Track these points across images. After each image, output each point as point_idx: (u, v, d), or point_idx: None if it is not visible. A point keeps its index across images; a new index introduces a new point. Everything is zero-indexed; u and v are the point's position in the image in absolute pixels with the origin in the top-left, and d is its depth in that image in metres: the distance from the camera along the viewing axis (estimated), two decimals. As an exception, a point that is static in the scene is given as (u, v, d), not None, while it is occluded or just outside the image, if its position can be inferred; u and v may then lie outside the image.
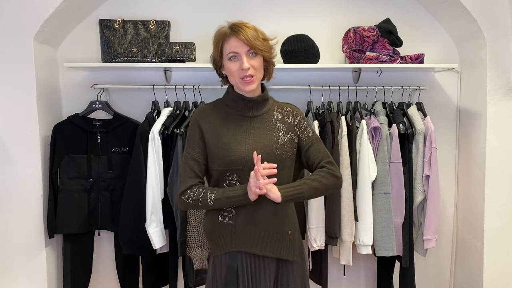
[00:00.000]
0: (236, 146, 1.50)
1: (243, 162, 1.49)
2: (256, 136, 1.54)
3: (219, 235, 1.54)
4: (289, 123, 1.60)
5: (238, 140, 1.52)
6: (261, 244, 1.51)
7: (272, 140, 1.55)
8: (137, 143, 2.12)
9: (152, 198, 2.07)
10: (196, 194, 1.49)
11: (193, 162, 1.53)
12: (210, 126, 1.54)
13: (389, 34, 2.19)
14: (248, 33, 1.47)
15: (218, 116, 1.57)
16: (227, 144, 1.51)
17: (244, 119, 1.57)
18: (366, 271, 2.53)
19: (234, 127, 1.55)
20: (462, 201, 2.46)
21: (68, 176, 2.20)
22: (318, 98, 2.33)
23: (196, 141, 1.54)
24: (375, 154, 2.14)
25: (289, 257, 1.56)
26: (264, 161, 1.44)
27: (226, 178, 1.52)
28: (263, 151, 1.49)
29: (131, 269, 2.33)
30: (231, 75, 1.53)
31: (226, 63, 1.52)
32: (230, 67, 1.51)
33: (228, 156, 1.49)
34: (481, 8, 2.15)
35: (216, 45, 1.55)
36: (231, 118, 1.56)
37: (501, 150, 2.21)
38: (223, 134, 1.53)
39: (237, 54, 1.49)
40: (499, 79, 2.19)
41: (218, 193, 1.48)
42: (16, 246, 2.18)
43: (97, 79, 2.38)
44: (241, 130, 1.54)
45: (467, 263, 2.40)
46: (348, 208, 2.09)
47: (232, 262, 1.52)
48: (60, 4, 2.08)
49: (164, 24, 2.28)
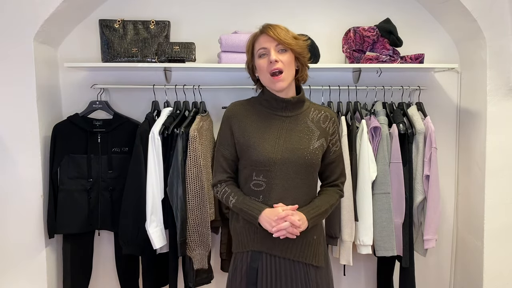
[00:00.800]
0: (264, 146, 1.47)
1: (271, 163, 1.46)
2: (287, 137, 1.50)
3: (243, 233, 1.54)
4: (324, 129, 1.55)
5: (268, 140, 1.49)
6: (283, 247, 1.49)
7: (303, 143, 1.50)
8: (137, 143, 2.12)
9: (152, 198, 2.07)
10: (222, 192, 1.55)
11: (222, 159, 1.56)
12: (241, 124, 1.52)
13: (389, 34, 2.19)
14: (277, 29, 1.45)
15: (250, 113, 1.53)
16: (256, 144, 1.48)
17: (276, 118, 1.52)
18: (366, 271, 2.54)
19: (265, 126, 1.51)
20: (462, 201, 2.46)
21: (68, 176, 2.20)
22: (318, 98, 2.33)
23: (226, 138, 1.55)
24: (375, 154, 2.14)
25: (314, 262, 1.52)
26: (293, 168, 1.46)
27: (252, 177, 1.49)
28: (293, 154, 1.47)
29: (131, 269, 2.33)
30: (262, 73, 1.49)
31: (257, 61, 1.49)
32: (260, 64, 1.48)
33: (256, 155, 1.47)
34: (481, 8, 2.15)
35: (248, 48, 1.52)
36: (262, 117, 1.52)
37: (501, 150, 2.21)
38: (253, 133, 1.50)
39: (266, 50, 1.46)
40: (499, 79, 2.19)
41: (238, 200, 1.50)
42: (16, 246, 2.18)
43: (97, 79, 2.38)
44: (272, 130, 1.50)
45: (467, 263, 2.40)
46: (348, 208, 2.09)
47: (253, 262, 1.51)
48: (60, 4, 2.08)
49: (164, 24, 2.28)
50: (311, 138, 1.51)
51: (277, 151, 1.47)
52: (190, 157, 2.05)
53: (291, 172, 1.48)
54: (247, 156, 1.49)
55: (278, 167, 1.46)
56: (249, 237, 1.52)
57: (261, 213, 1.44)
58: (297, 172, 1.48)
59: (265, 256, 1.50)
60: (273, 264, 1.50)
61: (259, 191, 1.49)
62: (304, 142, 1.50)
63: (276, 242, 1.48)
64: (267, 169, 1.47)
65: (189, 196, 2.07)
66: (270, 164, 1.46)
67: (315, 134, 1.52)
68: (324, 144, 1.54)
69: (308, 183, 1.51)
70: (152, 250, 2.14)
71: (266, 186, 1.48)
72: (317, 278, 1.53)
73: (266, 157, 1.46)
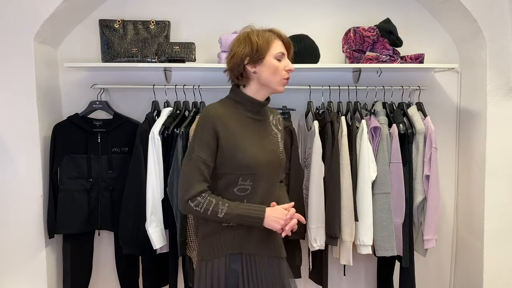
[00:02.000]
0: (252, 149, 1.47)
1: (257, 166, 1.46)
2: (265, 140, 1.53)
3: (220, 237, 1.49)
4: (281, 131, 1.64)
5: (252, 143, 1.49)
6: (260, 245, 1.52)
7: (276, 145, 1.57)
8: (137, 143, 2.12)
9: (152, 198, 2.07)
10: (206, 203, 1.42)
11: (204, 166, 1.43)
12: (225, 127, 1.46)
13: (389, 34, 2.19)
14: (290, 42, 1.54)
15: (232, 118, 1.49)
16: (244, 147, 1.46)
17: (252, 121, 1.53)
18: (366, 271, 2.54)
19: (246, 129, 1.50)
20: (462, 201, 2.46)
21: (68, 176, 2.20)
22: (318, 98, 2.33)
23: (209, 145, 1.44)
24: (375, 154, 2.14)
25: (282, 254, 1.59)
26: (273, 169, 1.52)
27: (238, 183, 1.46)
28: (273, 156, 1.52)
29: (131, 269, 2.33)
30: (274, 74, 1.48)
31: (272, 61, 1.47)
32: (277, 65, 1.47)
33: (244, 159, 1.44)
34: (481, 8, 2.15)
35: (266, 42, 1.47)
36: (241, 120, 1.51)
37: (501, 150, 2.21)
38: (239, 137, 1.47)
39: (283, 56, 1.50)
40: (499, 79, 2.19)
41: (230, 207, 1.43)
42: (16, 246, 2.18)
43: (97, 79, 2.38)
44: (253, 133, 1.51)
45: (467, 263, 2.40)
46: (348, 208, 2.09)
47: (233, 264, 1.48)
48: (60, 4, 2.08)
49: (164, 24, 2.28)
50: (278, 140, 1.58)
51: (261, 154, 1.48)
52: (190, 157, 2.05)
53: (272, 173, 1.52)
54: (232, 160, 1.44)
55: (263, 169, 1.47)
56: (226, 241, 1.49)
57: (265, 213, 1.43)
58: (276, 173, 1.55)
59: (244, 257, 1.50)
60: (252, 263, 1.50)
61: (243, 196, 1.47)
62: (276, 144, 1.57)
63: (253, 241, 1.50)
64: (254, 172, 1.46)
65: (189, 196, 2.06)
66: (257, 167, 1.46)
67: (279, 136, 1.60)
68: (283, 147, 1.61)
69: (278, 182, 1.61)
70: (152, 250, 2.14)
71: (251, 189, 1.47)
72: (286, 268, 1.61)
73: (254, 160, 1.46)
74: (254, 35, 1.48)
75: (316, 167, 2.11)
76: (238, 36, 1.52)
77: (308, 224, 2.13)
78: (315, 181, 2.11)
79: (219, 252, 1.49)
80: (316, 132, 2.12)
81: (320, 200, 2.11)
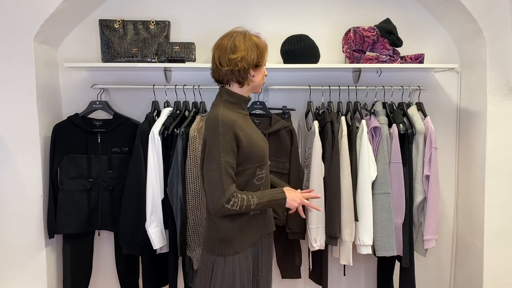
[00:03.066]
0: (261, 143, 1.66)
1: (266, 156, 1.68)
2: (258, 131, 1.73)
3: (247, 229, 1.63)
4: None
5: (259, 137, 1.68)
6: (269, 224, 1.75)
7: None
8: (137, 143, 2.12)
9: (152, 198, 2.07)
10: (240, 200, 1.52)
11: (231, 169, 1.53)
12: (242, 128, 1.58)
13: (389, 34, 2.19)
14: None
15: (240, 119, 1.61)
16: (257, 142, 1.63)
17: (246, 118, 1.70)
18: (366, 271, 2.54)
19: (251, 126, 1.69)
20: (462, 201, 2.46)
21: (68, 176, 2.20)
22: (318, 98, 2.33)
23: (232, 149, 1.53)
24: (375, 154, 2.14)
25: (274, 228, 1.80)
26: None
27: (256, 173, 1.63)
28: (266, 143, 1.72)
29: (131, 269, 2.33)
30: (263, 78, 1.69)
31: (263, 68, 1.68)
32: (263, 71, 1.69)
33: (262, 152, 1.64)
34: (481, 8, 2.15)
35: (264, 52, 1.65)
36: (243, 119, 1.66)
37: (501, 150, 2.21)
38: (252, 135, 1.64)
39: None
40: (499, 79, 2.19)
41: (258, 197, 1.57)
42: (16, 246, 2.18)
43: (97, 79, 2.38)
44: (253, 128, 1.70)
45: (467, 263, 2.40)
46: (348, 208, 2.09)
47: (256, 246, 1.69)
48: (60, 4, 2.08)
49: (164, 24, 2.28)
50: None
51: (265, 144, 1.69)
52: (190, 157, 2.06)
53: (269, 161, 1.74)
54: (252, 155, 1.59)
55: (268, 158, 1.71)
56: (255, 229, 1.66)
57: (285, 194, 1.63)
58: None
59: (263, 237, 1.71)
60: (265, 241, 1.74)
61: (260, 184, 1.65)
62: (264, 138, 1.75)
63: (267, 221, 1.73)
64: (265, 161, 1.67)
65: (189, 196, 2.07)
66: (266, 156, 1.68)
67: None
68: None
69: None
70: (152, 250, 2.14)
71: (265, 177, 1.67)
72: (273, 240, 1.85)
73: (264, 151, 1.66)
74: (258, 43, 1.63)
75: (316, 167, 2.11)
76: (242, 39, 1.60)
77: (308, 224, 2.13)
78: (315, 181, 2.11)
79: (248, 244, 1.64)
80: (316, 132, 2.12)
81: (320, 200, 2.11)
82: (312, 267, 2.32)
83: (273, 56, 2.32)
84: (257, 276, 1.69)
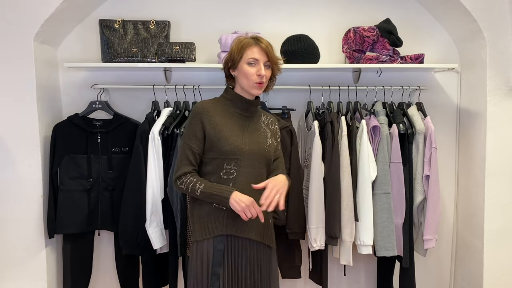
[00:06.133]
0: (234, 138, 1.66)
1: (240, 153, 1.65)
2: (250, 132, 1.72)
3: (210, 219, 1.66)
4: (272, 131, 1.80)
5: (236, 133, 1.68)
6: (246, 228, 1.67)
7: (262, 138, 1.74)
8: (137, 143, 2.12)
9: (152, 198, 2.07)
10: (187, 182, 1.64)
11: (190, 152, 1.66)
12: (211, 119, 1.67)
13: (389, 34, 2.19)
14: (269, 47, 1.68)
15: (218, 111, 1.70)
16: (226, 136, 1.65)
17: (240, 117, 1.72)
18: (366, 271, 2.54)
19: (232, 122, 1.70)
20: (462, 201, 2.46)
21: (68, 176, 2.20)
22: (318, 98, 2.33)
23: (195, 133, 1.67)
24: (375, 154, 2.14)
25: (270, 243, 1.75)
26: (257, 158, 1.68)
27: (223, 167, 1.66)
28: (257, 146, 1.69)
29: (131, 269, 2.33)
30: (246, 78, 1.66)
31: (244, 66, 1.66)
32: (248, 71, 1.65)
33: (227, 146, 1.64)
34: (481, 8, 2.15)
35: (239, 49, 1.67)
36: (228, 114, 1.71)
37: (501, 150, 2.21)
38: (223, 127, 1.66)
39: (256, 61, 1.65)
40: (499, 79, 2.19)
41: (206, 186, 1.62)
42: (16, 246, 2.18)
43: (97, 79, 2.38)
44: (238, 125, 1.70)
45: (467, 263, 2.40)
46: (348, 208, 2.09)
47: (219, 244, 1.65)
48: (60, 4, 2.08)
49: (164, 24, 2.28)
50: (266, 136, 1.75)
51: (244, 143, 1.67)
52: (190, 157, 2.05)
53: (255, 162, 1.69)
54: (218, 147, 1.65)
55: (246, 156, 1.66)
56: (216, 223, 1.65)
57: (231, 194, 1.59)
58: (260, 162, 1.70)
59: (230, 238, 1.66)
60: (236, 245, 1.67)
61: (229, 179, 1.66)
62: (262, 137, 1.74)
63: (240, 224, 1.66)
64: (237, 157, 1.65)
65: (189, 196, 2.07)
66: (240, 153, 1.65)
67: (268, 133, 1.77)
68: (274, 143, 1.78)
69: (266, 173, 1.74)
70: (152, 250, 2.14)
71: (236, 173, 1.65)
72: (271, 258, 1.76)
73: (236, 147, 1.65)
74: (234, 43, 1.70)
75: (316, 167, 2.11)
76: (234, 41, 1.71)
77: (308, 224, 2.13)
78: (315, 181, 2.11)
79: (209, 233, 1.65)
80: (316, 132, 2.12)
81: (320, 200, 2.11)
82: (312, 267, 2.32)
83: (273, 56, 2.32)
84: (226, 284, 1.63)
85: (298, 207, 2.14)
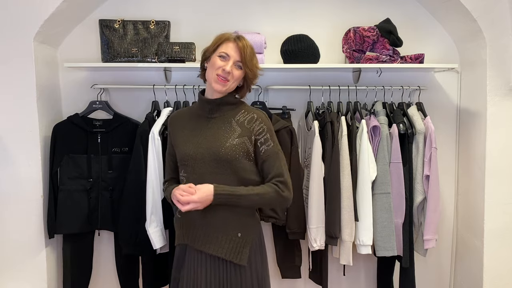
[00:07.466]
0: (184, 144, 1.65)
1: (188, 159, 1.63)
2: (207, 136, 1.63)
3: (176, 227, 1.71)
4: (247, 129, 1.62)
5: (190, 139, 1.65)
6: (203, 241, 1.59)
7: (219, 140, 1.60)
8: (137, 143, 2.12)
9: (152, 198, 2.07)
10: (165, 189, 1.75)
11: (168, 162, 1.78)
12: (174, 129, 1.73)
13: (389, 34, 2.19)
14: (248, 49, 1.59)
15: (183, 118, 1.73)
16: (179, 143, 1.68)
17: (203, 119, 1.67)
18: (366, 271, 2.53)
19: (192, 127, 1.68)
20: (462, 201, 2.46)
21: (68, 176, 2.20)
22: (318, 98, 2.33)
23: (170, 143, 1.75)
24: (375, 154, 2.14)
25: (234, 260, 1.58)
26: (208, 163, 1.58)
27: (181, 173, 1.69)
28: (206, 150, 1.59)
29: (131, 269, 2.33)
30: (211, 68, 1.60)
31: (215, 58, 1.60)
32: (215, 62, 1.59)
33: (178, 153, 1.68)
34: (481, 8, 2.15)
35: (216, 41, 1.64)
36: (193, 120, 1.70)
37: (501, 150, 2.21)
38: (180, 134, 1.69)
39: (227, 57, 1.59)
40: (499, 79, 2.19)
41: (167, 190, 1.70)
42: (16, 246, 2.18)
43: (97, 79, 2.38)
44: (196, 130, 1.66)
45: (467, 263, 2.40)
46: (348, 208, 2.09)
47: (179, 252, 1.69)
48: (60, 4, 2.08)
49: (164, 24, 2.28)
50: (229, 136, 1.60)
51: (193, 148, 1.62)
52: (190, 157, 2.05)
53: (207, 167, 1.59)
54: (176, 154, 1.70)
55: (194, 162, 1.61)
56: (178, 231, 1.70)
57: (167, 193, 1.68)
58: (214, 167, 1.59)
59: (190, 249, 1.65)
60: (196, 257, 1.62)
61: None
62: (220, 139, 1.60)
63: (193, 235, 1.62)
64: (186, 163, 1.64)
65: (189, 196, 2.06)
66: (188, 159, 1.62)
67: (235, 132, 1.61)
68: (246, 143, 1.60)
69: (230, 179, 1.58)
70: (152, 250, 2.14)
71: (186, 180, 1.64)
72: (238, 277, 1.59)
73: (184, 153, 1.64)
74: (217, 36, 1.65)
75: (316, 167, 2.11)
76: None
77: (308, 224, 2.13)
78: (315, 181, 2.11)
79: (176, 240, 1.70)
80: (316, 132, 2.12)
81: (320, 200, 2.11)
82: (312, 267, 2.32)
83: (273, 56, 2.32)
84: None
85: (298, 207, 2.14)
